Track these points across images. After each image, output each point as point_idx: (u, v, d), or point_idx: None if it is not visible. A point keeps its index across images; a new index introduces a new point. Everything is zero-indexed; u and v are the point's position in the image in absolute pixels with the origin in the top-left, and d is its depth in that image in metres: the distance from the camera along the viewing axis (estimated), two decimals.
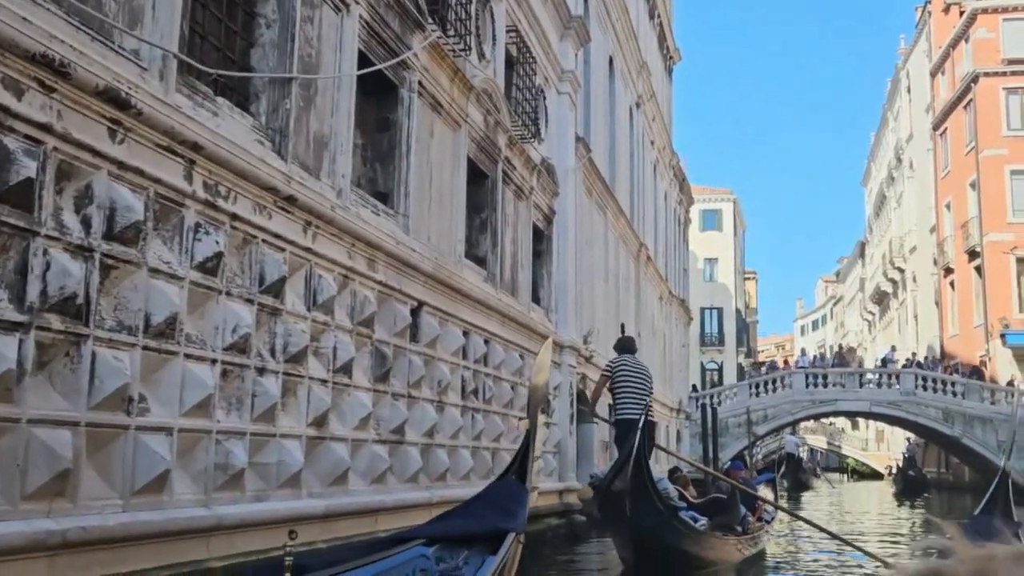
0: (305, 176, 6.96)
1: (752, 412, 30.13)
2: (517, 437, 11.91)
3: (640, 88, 24.04)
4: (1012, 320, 32.84)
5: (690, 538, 9.20)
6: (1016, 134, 34.06)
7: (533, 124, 13.00)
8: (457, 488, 9.78)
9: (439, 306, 9.53)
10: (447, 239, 10.06)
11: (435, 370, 9.39)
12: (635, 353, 10.67)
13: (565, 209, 14.95)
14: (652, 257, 25.20)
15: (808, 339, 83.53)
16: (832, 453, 62.13)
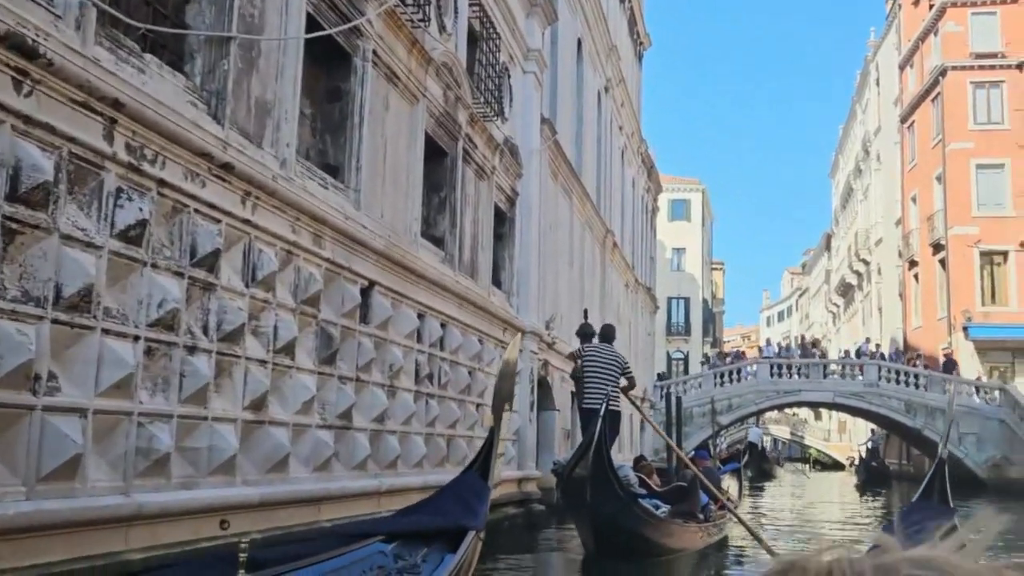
0: (245, 143, 6.53)
1: (716, 402, 30.10)
2: (474, 424, 11.57)
3: (609, 72, 23.69)
4: (975, 313, 32.98)
5: (650, 524, 9.25)
6: (982, 128, 34.14)
7: (496, 102, 12.61)
8: (409, 476, 9.42)
9: (392, 286, 9.13)
10: (402, 217, 9.66)
11: (387, 353, 8.99)
12: (612, 342, 10.78)
13: (529, 191, 14.58)
14: (618, 244, 24.92)
15: (774, 330, 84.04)
16: (795, 443, 62.49)
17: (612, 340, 10.93)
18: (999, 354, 32.68)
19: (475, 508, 5.30)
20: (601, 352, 10.47)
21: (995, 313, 32.91)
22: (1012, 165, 33.56)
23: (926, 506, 7.56)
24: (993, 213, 33.50)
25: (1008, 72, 34.01)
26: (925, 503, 7.89)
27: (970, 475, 28.40)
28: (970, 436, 28.94)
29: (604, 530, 8.68)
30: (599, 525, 8.68)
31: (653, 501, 10.22)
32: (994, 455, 28.39)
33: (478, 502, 5.38)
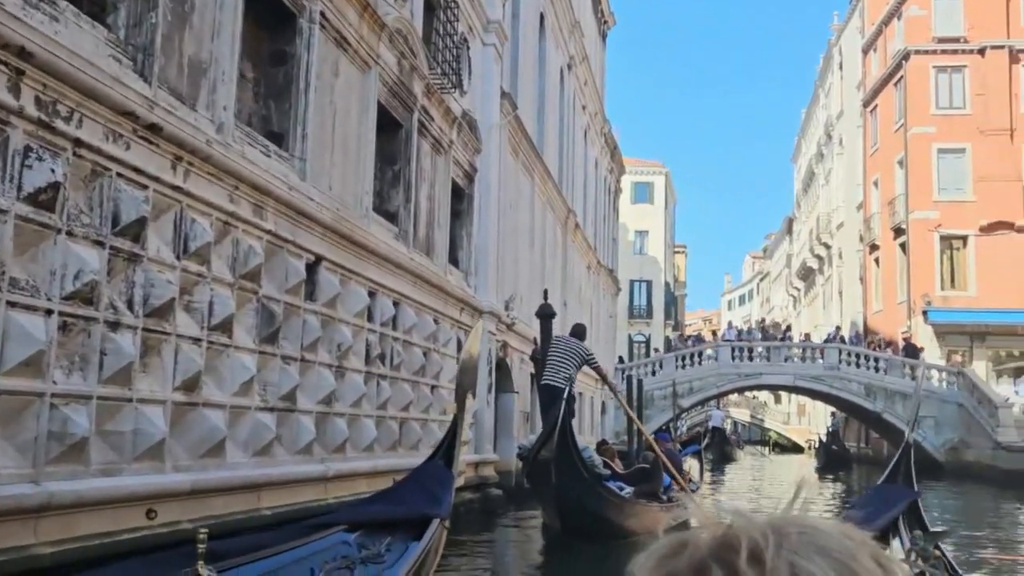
0: (176, 104, 6.06)
1: (678, 384, 29.94)
2: (429, 406, 11.19)
3: (572, 49, 23.27)
4: (934, 297, 33.12)
5: (614, 505, 9.46)
6: (944, 112, 34.19)
7: (454, 74, 12.16)
8: (358, 460, 9.03)
9: (341, 262, 8.70)
10: (352, 190, 9.21)
11: (335, 332, 8.57)
12: (582, 339, 11.14)
13: (488, 167, 14.16)
14: (580, 225, 24.58)
15: (735, 314, 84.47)
16: (755, 426, 62.90)
17: (582, 337, 11.24)
18: (957, 338, 32.86)
19: (439, 496, 5.26)
20: (565, 341, 10.79)
21: (954, 297, 33.08)
22: (973, 150, 33.66)
23: (891, 488, 7.51)
24: (954, 198, 33.61)
25: (970, 57, 34.06)
26: (890, 486, 7.80)
27: (928, 458, 28.52)
28: (928, 419, 29.05)
29: (569, 511, 8.78)
30: (564, 506, 8.77)
31: (617, 483, 10.39)
32: (952, 438, 28.56)
33: (442, 490, 5.34)
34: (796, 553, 0.67)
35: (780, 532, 0.69)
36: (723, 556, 0.69)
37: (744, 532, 0.70)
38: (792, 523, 0.71)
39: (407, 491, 5.33)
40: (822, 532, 0.70)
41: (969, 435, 27.61)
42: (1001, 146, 33.23)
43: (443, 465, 5.72)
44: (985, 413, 26.67)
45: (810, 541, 0.69)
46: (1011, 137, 33.33)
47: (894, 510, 6.44)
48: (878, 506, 6.59)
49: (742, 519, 0.72)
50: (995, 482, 23.59)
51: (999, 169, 33.04)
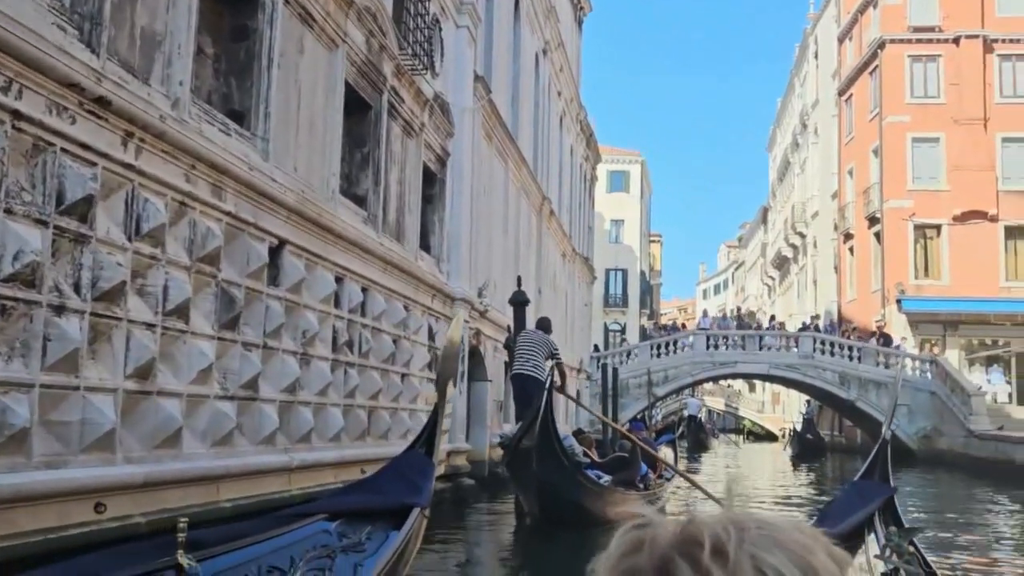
0: (127, 77, 5.75)
1: (653, 373, 29.85)
2: (399, 395, 10.95)
3: (548, 34, 22.99)
4: (908, 286, 33.20)
5: (593, 493, 9.61)
6: (919, 102, 34.23)
7: (426, 55, 11.88)
8: (324, 450, 8.77)
9: (306, 246, 8.42)
10: (318, 172, 8.92)
11: (299, 318, 8.30)
12: (547, 332, 11.31)
13: (461, 152, 13.89)
14: (556, 212, 24.36)
15: (710, 303, 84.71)
16: (729, 415, 63.12)
17: (548, 331, 11.40)
18: (931, 327, 32.98)
19: (420, 485, 5.25)
20: (529, 333, 11.11)
21: (928, 286, 33.19)
22: (947, 139, 33.73)
23: (867, 485, 7.41)
24: (928, 187, 33.69)
25: (945, 46, 34.10)
26: (866, 482, 7.65)
27: (901, 446, 28.58)
28: (902, 408, 29.09)
29: (549, 498, 8.94)
30: (545, 494, 8.93)
31: (595, 471, 10.55)
32: (925, 426, 28.66)
33: (423, 479, 5.33)
34: (757, 547, 0.70)
35: (740, 527, 0.71)
36: (686, 550, 0.70)
37: (706, 527, 0.71)
38: (750, 519, 0.74)
39: (387, 480, 5.30)
40: (779, 527, 0.73)
41: (942, 423, 27.71)
42: (975, 136, 33.33)
43: (424, 454, 5.68)
44: (958, 401, 26.76)
45: (769, 536, 0.71)
46: (985, 127, 33.44)
47: (870, 506, 6.44)
48: (854, 503, 6.55)
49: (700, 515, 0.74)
50: (968, 470, 23.68)
51: (973, 159, 33.15)
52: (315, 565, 4.10)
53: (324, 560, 4.18)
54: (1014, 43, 33.74)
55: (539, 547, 9.65)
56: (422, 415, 12.02)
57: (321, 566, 4.13)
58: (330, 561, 4.21)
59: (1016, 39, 33.69)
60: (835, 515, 6.15)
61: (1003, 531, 13.08)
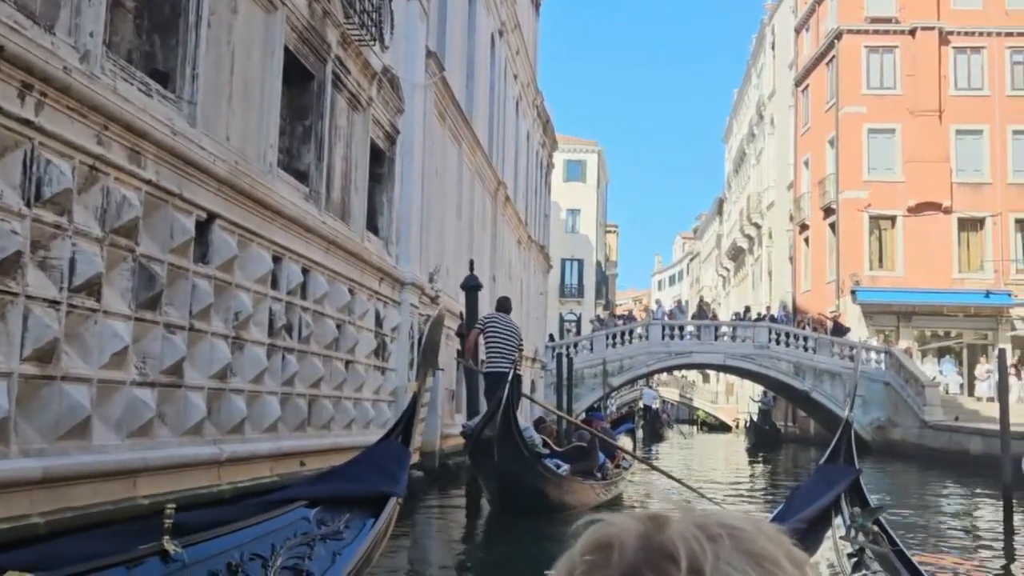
0: (24, 23, 5.11)
1: (608, 363, 29.52)
2: (342, 382, 10.38)
3: (504, 15, 22.41)
4: (863, 277, 33.23)
5: (552, 482, 9.79)
6: (875, 92, 34.22)
7: (375, 26, 11.26)
8: (259, 441, 8.17)
9: (240, 221, 7.80)
10: (254, 143, 8.30)
11: (231, 299, 7.68)
12: (509, 312, 11.34)
13: (411, 130, 13.30)
14: (511, 198, 23.82)
15: (665, 294, 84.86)
16: (683, 405, 63.22)
17: (508, 311, 11.41)
18: (885, 317, 33.06)
19: (396, 474, 5.31)
20: (502, 322, 10.99)
21: (882, 277, 33.25)
22: (903, 130, 33.79)
23: (832, 468, 7.42)
24: (883, 178, 33.73)
25: (902, 37, 34.13)
26: (831, 466, 7.64)
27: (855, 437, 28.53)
28: (856, 398, 29.08)
29: (510, 487, 9.17)
30: (505, 482, 9.17)
31: (555, 460, 10.72)
32: (878, 417, 28.65)
33: (399, 468, 5.40)
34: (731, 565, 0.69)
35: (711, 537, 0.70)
36: (658, 564, 0.69)
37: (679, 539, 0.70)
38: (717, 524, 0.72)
39: (364, 468, 5.33)
40: (747, 535, 0.72)
41: (896, 414, 27.71)
42: (930, 127, 33.43)
43: (400, 443, 5.73)
44: (912, 392, 26.75)
45: (739, 548, 0.70)
46: (940, 118, 33.55)
47: (836, 489, 6.45)
48: (820, 487, 6.50)
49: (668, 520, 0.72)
50: (921, 460, 23.65)
51: (928, 150, 33.25)
52: (295, 552, 4.16)
53: (304, 548, 4.24)
54: (968, 35, 33.88)
55: (489, 541, 9.59)
56: (368, 404, 11.47)
57: (301, 553, 4.19)
58: (309, 549, 4.27)
59: (970, 32, 33.83)
60: (802, 499, 6.18)
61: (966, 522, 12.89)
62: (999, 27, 33.64)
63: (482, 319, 11.41)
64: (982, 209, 33.20)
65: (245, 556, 3.84)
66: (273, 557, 3.97)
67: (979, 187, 33.32)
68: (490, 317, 11.28)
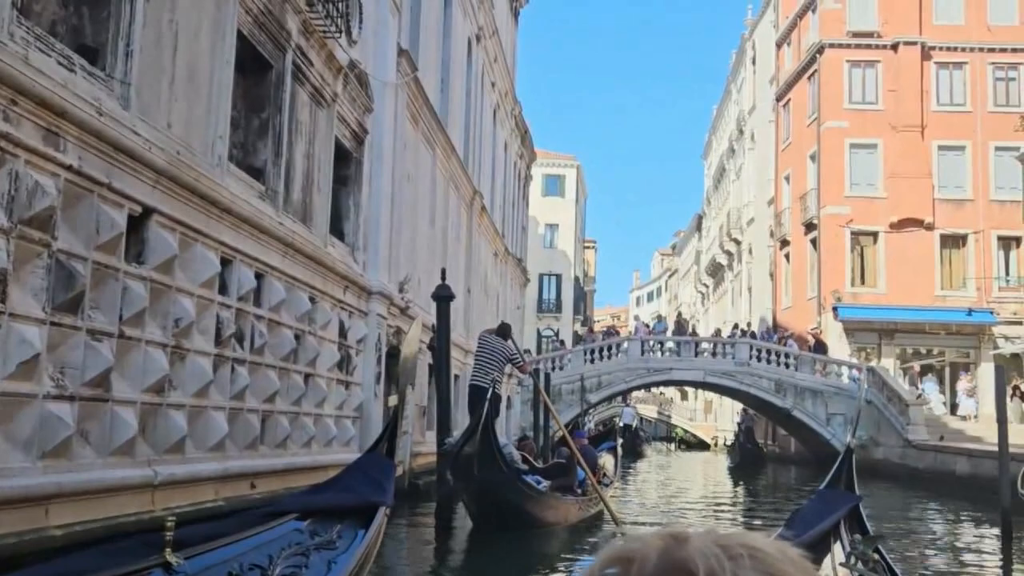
0: None
1: (586, 379, 28.81)
2: (300, 397, 9.61)
3: (482, 20, 21.79)
4: (844, 294, 32.75)
5: (531, 498, 9.97)
6: (857, 107, 33.85)
7: (341, 17, 10.56)
8: (201, 462, 7.39)
9: (182, 218, 7.04)
10: (201, 133, 7.55)
11: (170, 303, 6.91)
12: (506, 339, 11.64)
13: (381, 130, 12.59)
14: (488, 208, 23.13)
15: (643, 310, 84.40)
16: (661, 423, 62.57)
17: (506, 336, 11.72)
18: (866, 335, 32.57)
19: (383, 485, 5.48)
20: (491, 340, 11.41)
21: (864, 294, 32.79)
22: (884, 146, 33.43)
23: (833, 494, 7.42)
24: (865, 194, 33.33)
25: (883, 52, 33.81)
26: (831, 491, 7.62)
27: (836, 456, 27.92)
28: (838, 417, 28.58)
29: (489, 503, 9.35)
30: (485, 498, 9.36)
31: (535, 477, 10.90)
32: (861, 436, 28.00)
33: (385, 479, 5.57)
34: None
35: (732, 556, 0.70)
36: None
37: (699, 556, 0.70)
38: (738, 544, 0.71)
39: (353, 480, 5.52)
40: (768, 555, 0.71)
41: (879, 433, 27.14)
42: (912, 143, 33.08)
43: (384, 455, 5.89)
44: (895, 411, 26.22)
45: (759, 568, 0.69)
46: (922, 134, 33.22)
47: (836, 515, 6.45)
48: (820, 511, 6.51)
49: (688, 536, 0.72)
50: (904, 481, 23.11)
51: (910, 166, 32.88)
52: (292, 563, 4.26)
53: (300, 558, 4.36)
54: (950, 51, 33.62)
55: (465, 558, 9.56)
56: (330, 421, 10.70)
57: (297, 563, 4.30)
58: (305, 559, 4.39)
59: (952, 47, 33.57)
60: (802, 523, 6.16)
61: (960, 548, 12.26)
62: (981, 43, 33.41)
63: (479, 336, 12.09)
64: (964, 226, 32.84)
65: (244, 566, 3.95)
66: (271, 567, 4.10)
67: (961, 204, 32.98)
68: (481, 335, 11.94)
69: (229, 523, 4.48)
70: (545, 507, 10.33)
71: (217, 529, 4.24)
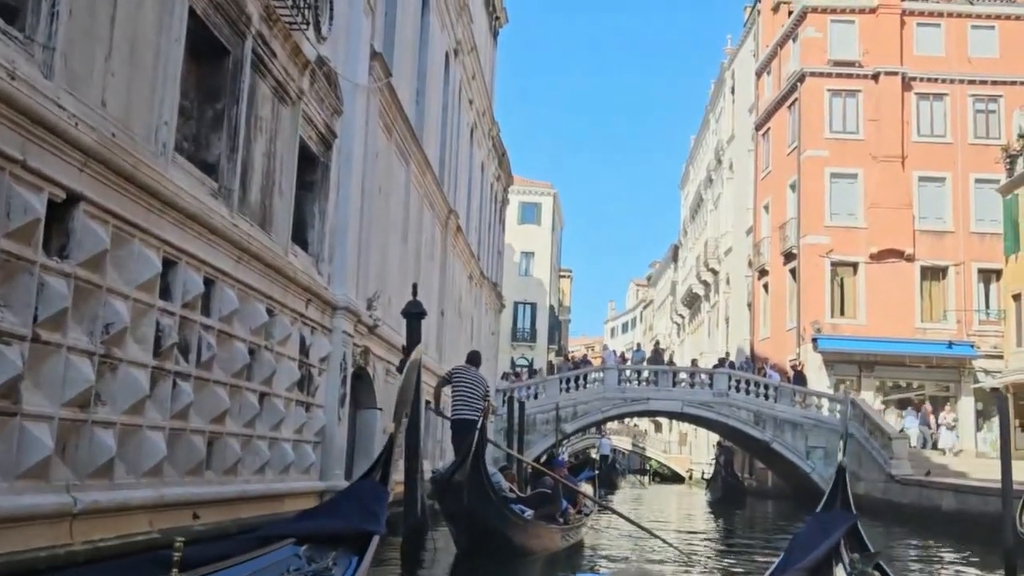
0: None
1: (562, 408, 28.00)
2: (254, 418, 8.73)
3: (460, 34, 21.13)
4: (824, 324, 32.25)
5: (518, 526, 10.20)
6: (838, 136, 33.56)
7: (308, 8, 9.79)
8: (133, 489, 6.49)
9: (116, 210, 6.19)
10: (143, 116, 6.72)
11: (99, 306, 6.04)
12: (478, 366, 11.90)
13: (351, 135, 11.80)
14: (463, 229, 22.34)
15: (618, 341, 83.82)
16: (635, 454, 61.72)
17: (478, 364, 11.98)
18: (846, 367, 32.06)
19: (377, 513, 5.52)
20: (469, 373, 11.58)
21: (844, 325, 32.31)
22: (865, 175, 33.16)
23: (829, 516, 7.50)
24: (845, 223, 32.99)
25: (864, 82, 33.61)
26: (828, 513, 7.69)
27: (816, 489, 27.25)
28: (818, 450, 27.91)
29: (478, 530, 9.52)
30: (474, 526, 9.51)
31: (519, 506, 11.11)
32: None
33: (379, 506, 5.61)
34: None
35: None
36: None
37: None
38: None
39: (347, 506, 5.58)
40: None
41: (860, 467, 26.40)
42: (892, 173, 32.81)
43: (378, 482, 5.93)
44: (877, 444, 25.57)
45: None
46: (902, 165, 32.97)
47: (834, 536, 6.50)
48: (817, 535, 6.50)
49: None
50: (888, 517, 22.40)
51: (890, 197, 32.58)
52: None
53: None
54: (931, 82, 33.49)
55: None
56: (287, 445, 9.80)
57: None
58: None
59: (933, 78, 33.44)
60: (801, 549, 6.17)
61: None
62: (961, 74, 33.29)
63: (449, 371, 12.07)
64: (944, 258, 32.52)
65: None
66: None
67: (941, 235, 32.68)
68: (457, 368, 11.88)
69: (234, 544, 4.65)
70: (531, 535, 10.59)
71: (224, 549, 4.35)
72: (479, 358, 12.35)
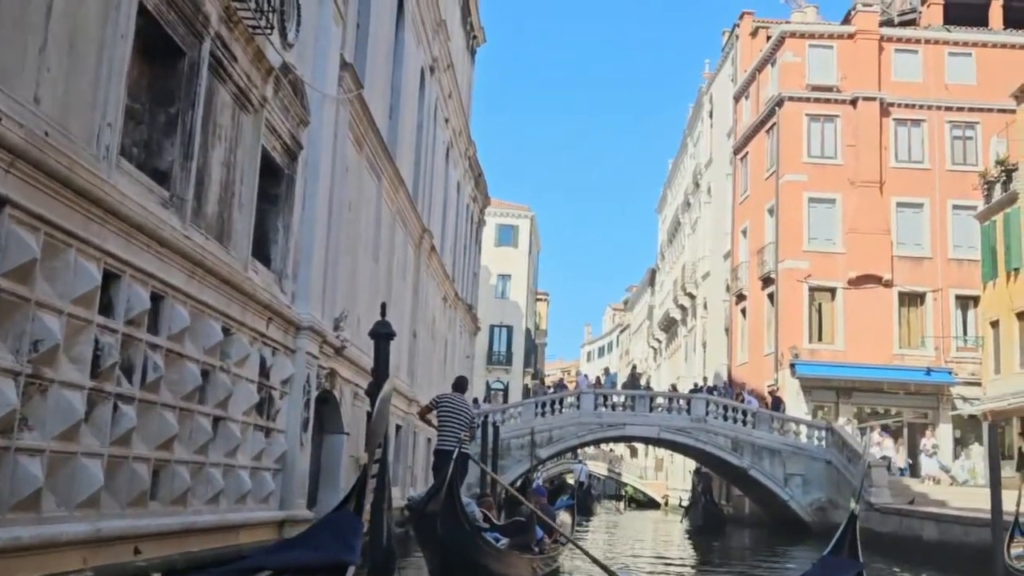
0: None
1: (537, 433, 27.48)
2: (207, 444, 8.15)
3: (436, 51, 20.74)
4: (802, 350, 31.96)
5: (491, 555, 10.14)
6: (816, 161, 33.45)
7: (273, 11, 9.31)
8: (63, 523, 5.90)
9: (48, 216, 5.65)
10: (83, 116, 6.19)
11: (26, 321, 5.48)
12: (464, 392, 12.08)
13: (318, 147, 11.30)
14: (437, 249, 21.85)
15: (594, 365, 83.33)
16: (611, 480, 61.14)
17: (464, 391, 12.16)
18: (824, 393, 31.78)
19: (352, 543, 5.58)
20: (455, 402, 11.72)
21: (822, 351, 32.05)
22: (843, 200, 33.03)
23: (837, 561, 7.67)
24: (824, 248, 32.81)
25: (843, 107, 33.55)
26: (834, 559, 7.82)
27: (795, 518, 26.87)
28: (796, 477, 27.54)
29: (451, 560, 9.49)
30: (447, 556, 9.48)
31: (494, 534, 11.16)
32: (819, 497, 27.04)
33: (354, 537, 5.65)
34: None
35: None
36: None
37: None
38: None
39: (322, 537, 5.57)
40: None
41: (838, 495, 26.04)
42: (871, 198, 32.70)
43: (352, 512, 5.94)
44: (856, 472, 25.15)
45: None
46: (880, 190, 32.87)
47: None
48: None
49: None
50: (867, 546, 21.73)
51: (868, 222, 32.45)
52: None
53: None
54: (909, 108, 33.49)
55: None
56: (243, 473, 9.21)
57: None
58: None
59: (911, 104, 33.44)
60: None
61: None
62: (939, 100, 33.31)
63: (436, 398, 12.05)
64: (923, 284, 32.38)
65: None
66: None
67: (919, 261, 32.56)
68: (443, 396, 11.95)
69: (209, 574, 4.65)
70: (505, 564, 10.56)
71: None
72: (466, 384, 12.43)
